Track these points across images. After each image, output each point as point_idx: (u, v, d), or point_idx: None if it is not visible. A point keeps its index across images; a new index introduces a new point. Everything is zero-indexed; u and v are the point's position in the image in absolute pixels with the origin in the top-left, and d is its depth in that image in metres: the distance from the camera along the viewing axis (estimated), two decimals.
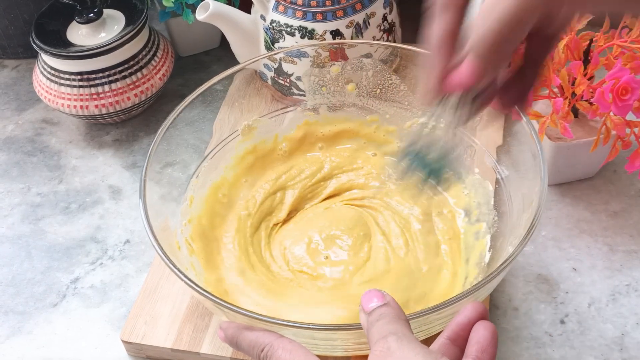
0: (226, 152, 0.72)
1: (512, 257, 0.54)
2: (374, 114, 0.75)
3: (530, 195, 0.59)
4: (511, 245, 0.59)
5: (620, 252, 0.70)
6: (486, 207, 0.67)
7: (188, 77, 0.93)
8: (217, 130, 0.72)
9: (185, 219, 0.67)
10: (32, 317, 0.69)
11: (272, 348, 0.50)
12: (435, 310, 0.51)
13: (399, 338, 0.42)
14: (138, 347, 0.64)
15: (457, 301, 0.51)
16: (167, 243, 0.59)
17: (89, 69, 0.80)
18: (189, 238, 0.65)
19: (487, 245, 0.65)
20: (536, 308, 0.66)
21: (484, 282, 0.53)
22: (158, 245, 0.57)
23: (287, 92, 0.79)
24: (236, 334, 0.53)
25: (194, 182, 0.69)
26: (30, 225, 0.77)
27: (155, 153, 0.64)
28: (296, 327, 0.51)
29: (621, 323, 0.65)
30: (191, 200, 0.68)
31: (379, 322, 0.44)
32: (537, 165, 0.59)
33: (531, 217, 0.56)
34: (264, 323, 0.52)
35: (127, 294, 0.70)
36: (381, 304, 0.45)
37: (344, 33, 0.78)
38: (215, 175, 0.71)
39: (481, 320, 0.45)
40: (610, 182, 0.76)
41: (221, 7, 0.78)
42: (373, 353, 0.42)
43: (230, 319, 0.55)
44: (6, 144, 0.87)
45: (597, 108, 0.67)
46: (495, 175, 0.67)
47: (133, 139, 0.86)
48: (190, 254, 0.64)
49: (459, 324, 0.46)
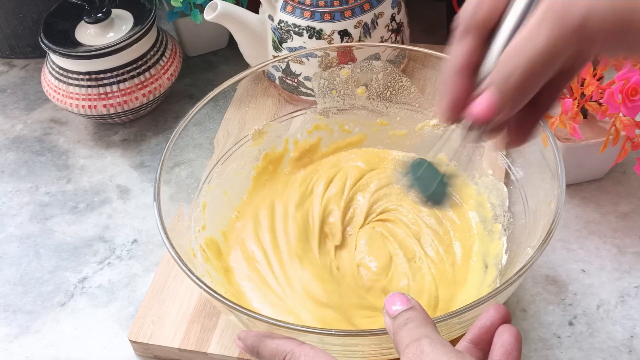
0: (237, 158, 0.71)
1: (533, 260, 0.53)
2: (384, 116, 0.75)
3: (547, 197, 0.59)
4: (530, 248, 0.58)
5: (630, 254, 0.69)
6: (501, 208, 0.67)
7: (196, 77, 0.93)
8: (225, 132, 0.72)
9: (199, 226, 0.66)
10: (40, 316, 0.69)
11: (294, 355, 0.49)
12: (457, 315, 0.51)
13: (432, 341, 0.42)
14: (145, 346, 0.64)
15: (478, 305, 0.51)
16: (178, 244, 0.59)
17: (97, 69, 0.81)
18: (204, 245, 0.65)
19: (504, 247, 0.65)
20: (544, 310, 0.66)
21: (505, 285, 0.52)
22: (175, 253, 0.56)
23: (295, 91, 0.79)
24: (256, 343, 0.52)
25: (206, 188, 0.69)
26: (38, 224, 0.77)
27: (165, 156, 0.64)
28: (316, 333, 0.51)
29: (630, 325, 0.64)
30: (204, 206, 0.68)
31: (407, 326, 0.44)
32: (554, 167, 0.59)
33: (550, 219, 0.56)
34: (282, 329, 0.51)
35: (134, 293, 0.70)
36: (406, 307, 0.45)
37: (352, 33, 0.78)
38: (230, 197, 0.70)
39: (505, 325, 0.45)
40: (620, 184, 0.75)
41: (229, 7, 0.78)
42: (405, 356, 0.42)
43: (247, 325, 0.55)
44: (15, 143, 0.87)
45: (606, 109, 0.66)
46: (510, 176, 0.67)
47: (141, 138, 0.86)
48: (205, 260, 0.64)
49: (482, 327, 0.46)
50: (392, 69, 0.74)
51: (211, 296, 0.53)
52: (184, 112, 0.88)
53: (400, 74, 0.74)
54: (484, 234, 0.67)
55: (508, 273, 0.60)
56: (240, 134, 0.72)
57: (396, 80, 0.74)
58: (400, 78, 0.74)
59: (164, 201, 0.60)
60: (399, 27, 0.82)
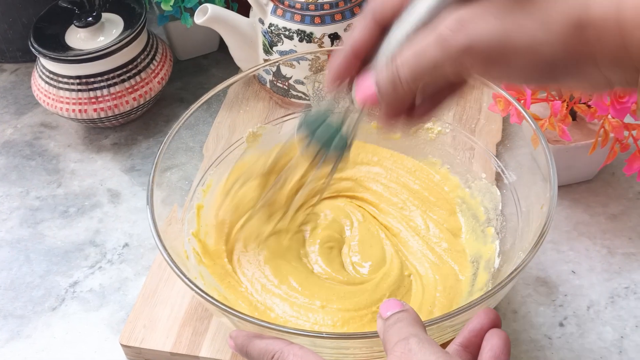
0: (232, 161, 0.71)
1: (525, 263, 0.53)
2: (378, 119, 0.75)
3: (539, 200, 0.59)
4: (522, 251, 0.58)
5: (619, 255, 0.70)
6: (494, 212, 0.67)
7: (187, 81, 0.93)
8: (215, 135, 0.72)
9: (193, 228, 0.66)
10: (31, 321, 0.69)
11: (282, 355, 0.50)
12: (448, 318, 0.51)
13: (420, 340, 0.42)
14: (137, 350, 0.64)
15: (471, 308, 0.51)
16: (171, 246, 0.59)
17: (87, 73, 0.80)
18: (198, 248, 0.65)
19: (497, 250, 0.65)
20: (535, 311, 0.66)
21: (497, 288, 0.53)
22: (168, 255, 0.56)
23: (286, 94, 0.79)
24: (246, 343, 0.52)
25: (200, 191, 0.69)
26: (29, 229, 0.77)
27: (158, 160, 0.64)
28: (308, 335, 0.51)
29: (620, 326, 0.65)
30: (198, 208, 0.68)
31: (396, 325, 0.44)
32: (546, 170, 0.59)
33: (542, 222, 0.56)
34: (274, 331, 0.51)
35: (126, 297, 0.70)
36: (399, 310, 0.46)
37: (343, 36, 0.78)
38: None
39: (494, 329, 0.45)
40: (609, 185, 0.76)
41: (219, 11, 0.78)
42: (393, 354, 0.42)
43: (239, 327, 0.55)
44: (5, 147, 0.87)
45: (595, 111, 0.67)
46: (503, 179, 0.67)
47: (132, 142, 0.86)
48: (198, 263, 0.64)
49: (472, 331, 0.46)
50: None
51: (203, 298, 0.53)
52: (174, 116, 0.88)
53: None
54: (476, 236, 0.67)
55: (500, 276, 0.61)
56: (232, 137, 0.72)
57: None
58: None
59: (156, 204, 0.60)
60: None
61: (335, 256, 0.67)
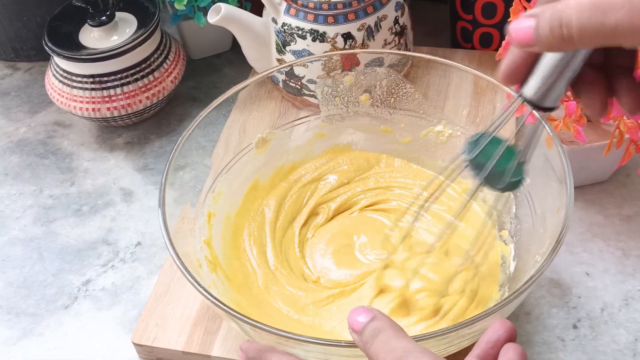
0: (242, 167, 0.71)
1: (543, 269, 0.53)
2: (387, 123, 0.75)
3: (555, 204, 0.59)
4: (539, 255, 0.58)
5: (634, 257, 0.69)
6: (508, 215, 0.67)
7: (200, 80, 0.93)
8: (225, 141, 0.72)
9: (205, 236, 0.66)
10: (43, 319, 0.69)
11: None
12: (467, 325, 0.50)
13: (416, 358, 0.41)
14: (149, 349, 0.64)
15: (491, 314, 0.51)
16: (181, 247, 0.59)
17: (101, 72, 0.81)
18: (209, 256, 0.65)
19: (512, 253, 0.64)
20: (548, 313, 0.66)
21: (517, 293, 0.52)
22: (178, 258, 0.56)
23: (299, 94, 0.79)
24: (257, 357, 0.52)
25: (210, 197, 0.68)
26: (42, 227, 0.78)
27: (172, 162, 0.64)
28: (321, 344, 0.50)
29: (634, 328, 0.64)
30: (209, 216, 0.67)
31: (378, 338, 0.42)
32: (561, 174, 0.58)
33: (559, 228, 0.55)
34: (288, 340, 0.51)
35: (138, 296, 0.70)
36: (369, 318, 0.44)
37: (356, 36, 0.78)
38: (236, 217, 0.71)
39: (510, 343, 0.45)
40: (624, 186, 0.75)
41: (233, 10, 0.78)
42: None
43: (251, 335, 0.54)
44: (19, 146, 0.87)
45: (610, 111, 0.66)
46: None
47: (145, 141, 0.86)
48: (211, 270, 0.64)
49: (489, 342, 0.45)
50: (395, 76, 0.73)
51: (215, 305, 0.53)
52: (187, 115, 0.88)
53: (403, 80, 0.73)
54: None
55: (517, 279, 0.60)
56: (243, 142, 0.72)
57: (400, 86, 0.74)
58: (404, 84, 0.74)
59: (168, 203, 0.60)
60: (402, 29, 0.82)
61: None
